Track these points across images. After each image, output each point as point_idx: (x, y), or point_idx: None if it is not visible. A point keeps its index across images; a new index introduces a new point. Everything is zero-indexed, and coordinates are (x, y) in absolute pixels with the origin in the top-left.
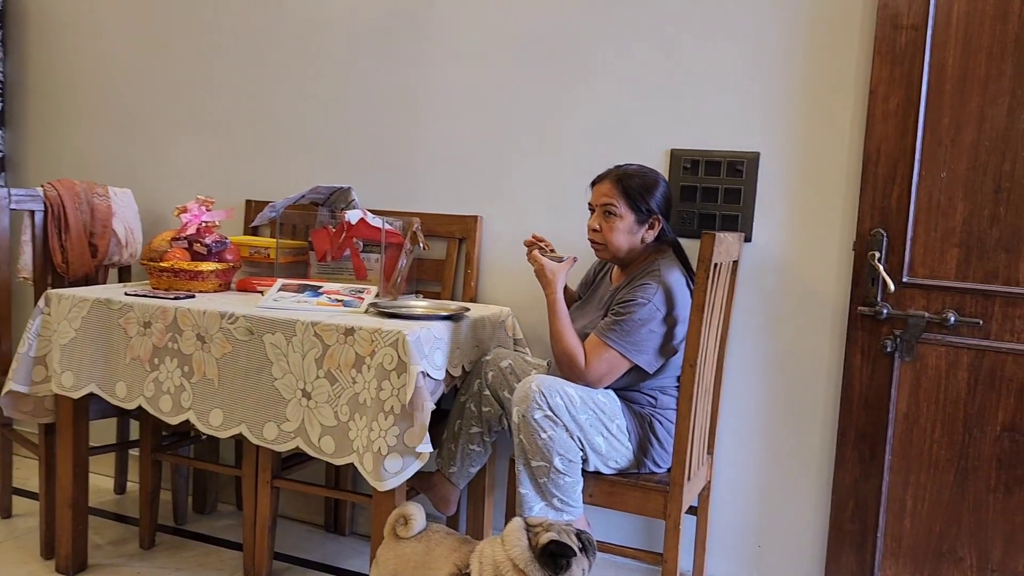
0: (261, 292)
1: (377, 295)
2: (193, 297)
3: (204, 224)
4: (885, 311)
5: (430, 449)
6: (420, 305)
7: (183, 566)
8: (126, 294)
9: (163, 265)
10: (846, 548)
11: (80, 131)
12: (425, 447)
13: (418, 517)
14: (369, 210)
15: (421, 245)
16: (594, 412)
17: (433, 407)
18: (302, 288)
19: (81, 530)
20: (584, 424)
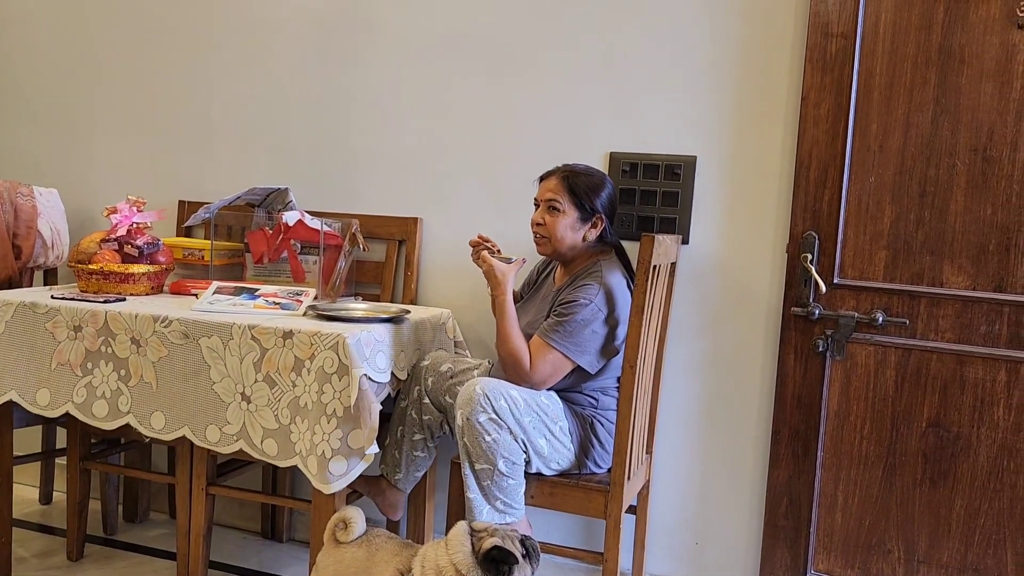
0: (196, 295)
1: (316, 297)
2: (124, 300)
3: (135, 225)
4: (817, 311)
5: (376, 450)
6: (360, 307)
7: None
8: (53, 297)
9: (92, 267)
10: (780, 543)
11: (2, 128)
12: (372, 449)
13: (358, 521)
14: (307, 211)
15: (360, 247)
16: (537, 415)
17: (380, 409)
18: (238, 291)
19: (4, 543)
20: (528, 427)
